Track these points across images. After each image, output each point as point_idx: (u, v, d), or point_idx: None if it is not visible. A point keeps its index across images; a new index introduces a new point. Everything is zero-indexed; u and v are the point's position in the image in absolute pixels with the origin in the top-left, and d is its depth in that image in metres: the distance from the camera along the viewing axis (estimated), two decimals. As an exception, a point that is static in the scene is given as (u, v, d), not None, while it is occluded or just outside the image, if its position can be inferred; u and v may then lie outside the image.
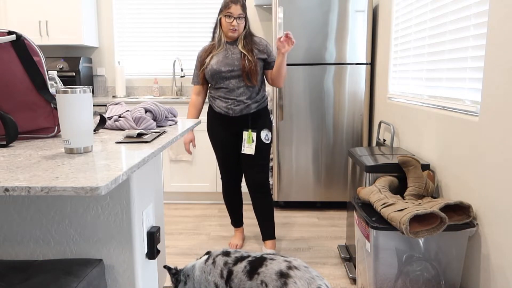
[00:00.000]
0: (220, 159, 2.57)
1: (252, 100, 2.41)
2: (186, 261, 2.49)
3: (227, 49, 2.39)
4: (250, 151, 2.43)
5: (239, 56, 2.35)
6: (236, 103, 2.39)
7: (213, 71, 2.36)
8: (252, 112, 2.43)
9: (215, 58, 2.37)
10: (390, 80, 2.90)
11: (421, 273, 1.73)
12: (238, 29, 2.34)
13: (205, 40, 4.06)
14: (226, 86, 2.38)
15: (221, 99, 2.41)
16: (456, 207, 1.71)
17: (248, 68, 2.32)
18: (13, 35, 1.28)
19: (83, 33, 3.76)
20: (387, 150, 2.39)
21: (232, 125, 2.46)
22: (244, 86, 2.38)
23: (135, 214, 1.18)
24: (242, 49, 2.36)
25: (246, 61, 2.32)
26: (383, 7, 3.02)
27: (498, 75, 1.54)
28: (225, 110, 2.41)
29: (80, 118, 1.10)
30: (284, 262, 1.53)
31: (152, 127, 1.57)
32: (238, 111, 2.40)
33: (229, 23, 2.32)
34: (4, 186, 0.80)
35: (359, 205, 1.91)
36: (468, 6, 1.80)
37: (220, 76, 2.37)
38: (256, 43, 2.41)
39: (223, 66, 2.35)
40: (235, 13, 2.31)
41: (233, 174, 2.60)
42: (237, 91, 2.37)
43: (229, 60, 2.35)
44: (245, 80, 2.35)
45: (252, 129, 2.44)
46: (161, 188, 1.84)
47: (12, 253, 1.21)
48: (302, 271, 1.47)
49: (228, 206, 2.70)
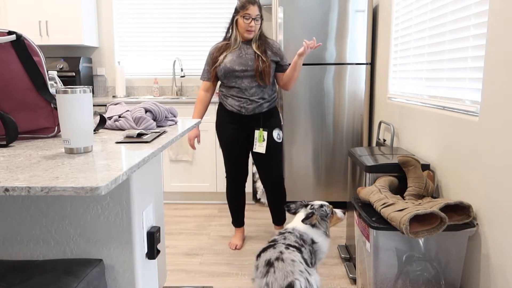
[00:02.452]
0: (228, 157, 2.58)
1: (264, 100, 2.45)
2: (186, 261, 2.49)
3: (241, 48, 2.42)
4: (261, 149, 2.48)
5: (253, 56, 2.38)
6: (249, 102, 2.42)
7: (226, 69, 2.38)
8: (264, 111, 2.47)
9: (229, 57, 2.40)
10: (390, 80, 2.90)
11: (421, 273, 1.73)
12: (255, 30, 2.38)
13: (205, 40, 4.06)
14: (238, 86, 2.41)
15: (234, 98, 2.44)
16: (456, 207, 1.71)
17: (262, 69, 2.36)
18: (13, 35, 1.28)
19: (83, 33, 3.76)
20: (387, 150, 2.39)
21: (244, 123, 2.49)
22: (256, 85, 2.41)
23: (135, 214, 1.18)
24: (256, 49, 2.39)
25: (260, 62, 2.36)
26: (383, 7, 3.02)
27: (498, 75, 1.54)
28: (238, 109, 2.44)
29: (80, 118, 1.10)
30: (277, 252, 1.58)
31: (152, 127, 1.57)
32: (250, 110, 2.43)
33: (247, 24, 2.35)
34: (4, 186, 0.80)
35: (359, 205, 1.91)
36: (468, 6, 1.80)
37: (233, 75, 2.39)
38: (270, 45, 2.44)
39: (237, 65, 2.37)
40: (253, 14, 2.33)
41: (239, 173, 2.61)
42: (249, 90, 2.41)
43: (243, 60, 2.38)
44: (258, 80, 2.38)
45: (263, 128, 2.48)
46: (161, 188, 1.84)
47: (12, 253, 1.21)
48: (286, 264, 1.51)
49: (231, 205, 2.70)
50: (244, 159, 2.59)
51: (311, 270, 1.56)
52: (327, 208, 1.93)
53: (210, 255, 2.58)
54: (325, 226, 1.87)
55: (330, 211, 1.94)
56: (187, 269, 2.39)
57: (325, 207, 1.93)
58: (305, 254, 1.69)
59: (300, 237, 1.77)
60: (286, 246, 1.63)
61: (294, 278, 1.45)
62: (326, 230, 1.87)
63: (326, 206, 1.94)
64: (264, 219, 3.20)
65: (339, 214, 1.97)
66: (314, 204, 1.94)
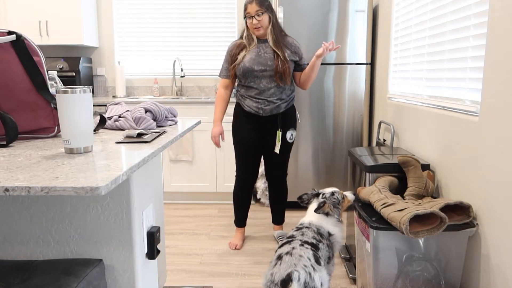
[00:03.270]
0: (241, 157, 2.59)
1: (282, 100, 2.46)
2: (186, 261, 2.49)
3: (259, 47, 2.42)
4: (277, 150, 2.54)
5: (272, 56, 2.38)
6: (266, 103, 2.43)
7: (245, 68, 2.39)
8: (282, 112, 2.49)
9: (248, 56, 2.40)
10: (390, 80, 2.90)
11: (421, 273, 1.73)
12: (261, 25, 2.37)
13: (205, 40, 4.06)
14: (257, 87, 2.42)
15: (252, 99, 2.45)
16: (456, 207, 1.71)
17: (281, 69, 2.35)
18: (13, 35, 1.28)
19: (83, 33, 3.76)
20: (387, 150, 2.39)
21: (261, 124, 2.51)
22: (275, 86, 2.42)
23: (135, 214, 1.18)
24: (273, 46, 2.38)
25: (280, 61, 2.36)
26: (383, 7, 3.02)
27: (498, 75, 1.54)
28: (256, 110, 2.45)
29: (80, 118, 1.10)
30: (290, 248, 1.61)
31: (152, 127, 1.57)
32: (268, 111, 2.45)
33: (250, 23, 2.38)
34: (4, 186, 0.80)
35: (359, 205, 1.91)
36: (468, 6, 1.80)
37: (252, 75, 2.40)
38: (289, 43, 2.44)
39: (256, 65, 2.38)
40: (252, 11, 2.34)
41: (251, 173, 2.63)
42: (267, 92, 2.42)
43: (262, 59, 2.38)
44: (277, 80, 2.39)
45: (280, 128, 2.52)
46: (161, 188, 1.84)
47: (12, 253, 1.21)
48: (293, 258, 1.54)
49: (237, 205, 2.71)
50: (257, 161, 2.61)
51: (319, 267, 1.57)
52: (338, 195, 1.94)
53: (210, 255, 2.58)
54: (338, 213, 1.89)
55: (341, 197, 1.95)
56: (187, 269, 2.39)
57: (336, 194, 1.93)
58: (322, 250, 1.70)
59: (318, 232, 1.78)
60: (301, 243, 1.64)
61: (294, 269, 1.47)
62: (339, 217, 1.88)
63: (337, 193, 1.94)
64: (264, 219, 3.20)
65: (349, 196, 1.98)
66: (325, 192, 1.94)
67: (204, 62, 4.09)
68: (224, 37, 4.03)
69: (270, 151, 2.57)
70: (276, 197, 2.74)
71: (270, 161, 2.63)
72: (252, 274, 2.33)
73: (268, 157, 2.62)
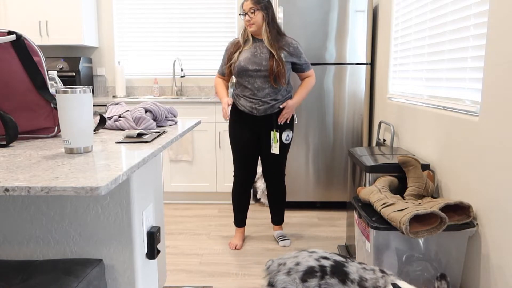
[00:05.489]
0: (237, 157, 2.60)
1: (277, 101, 2.46)
2: (186, 261, 2.49)
3: (256, 47, 2.42)
4: (276, 150, 2.52)
5: (268, 56, 2.38)
6: (260, 103, 2.43)
7: (240, 67, 2.40)
8: (276, 111, 2.49)
9: (243, 55, 2.42)
10: (390, 80, 2.90)
11: (421, 273, 1.73)
12: (254, 23, 2.37)
13: (205, 40, 4.06)
14: (251, 87, 2.42)
15: (246, 98, 2.45)
16: (456, 207, 1.71)
17: (276, 70, 2.36)
18: (13, 35, 1.28)
19: (83, 33, 3.76)
20: (387, 150, 2.39)
21: (256, 124, 2.51)
22: (270, 87, 2.42)
23: (135, 214, 1.18)
24: (268, 45, 2.38)
25: (274, 62, 2.35)
26: (383, 7, 3.02)
27: (498, 75, 1.54)
28: (249, 110, 2.46)
29: (80, 118, 1.10)
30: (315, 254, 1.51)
31: (152, 127, 1.57)
32: (262, 111, 2.45)
33: (244, 20, 2.41)
34: (4, 186, 0.80)
35: (359, 205, 1.91)
36: (468, 6, 1.80)
37: (247, 74, 2.41)
38: (287, 44, 2.43)
39: (250, 64, 2.38)
40: (246, 8, 2.38)
41: (248, 173, 2.63)
42: (262, 92, 2.42)
43: (257, 59, 2.39)
44: (271, 81, 2.39)
45: (276, 129, 2.51)
46: (161, 188, 1.84)
47: (12, 253, 1.21)
48: (306, 254, 1.48)
49: (236, 204, 2.71)
50: (254, 160, 2.61)
51: None
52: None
53: (210, 255, 2.58)
54: None
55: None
56: (187, 269, 2.39)
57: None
58: None
59: None
60: None
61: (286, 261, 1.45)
62: None
63: None
64: (264, 219, 3.20)
65: None
66: None
67: (204, 62, 4.09)
68: (224, 37, 4.03)
69: (266, 151, 2.57)
70: (274, 198, 2.74)
71: (266, 162, 2.63)
72: (252, 274, 2.33)
73: (264, 157, 2.61)
